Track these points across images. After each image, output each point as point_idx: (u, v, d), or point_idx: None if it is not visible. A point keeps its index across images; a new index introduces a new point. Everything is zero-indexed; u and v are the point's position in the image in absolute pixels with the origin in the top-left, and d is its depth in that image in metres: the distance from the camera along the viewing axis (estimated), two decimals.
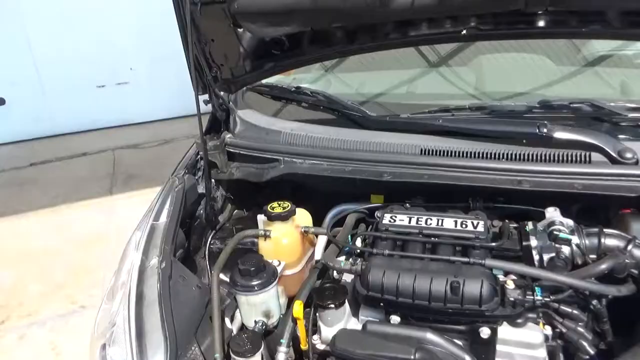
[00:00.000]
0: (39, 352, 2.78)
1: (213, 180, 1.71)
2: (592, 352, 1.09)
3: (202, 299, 1.32)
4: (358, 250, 1.32)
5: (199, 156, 1.70)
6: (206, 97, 1.71)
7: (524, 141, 1.35)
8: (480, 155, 1.35)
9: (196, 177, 1.68)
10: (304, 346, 1.30)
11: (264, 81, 1.84)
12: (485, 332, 1.13)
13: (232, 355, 1.20)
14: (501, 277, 1.17)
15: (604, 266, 1.13)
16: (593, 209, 1.37)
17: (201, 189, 1.68)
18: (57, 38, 5.39)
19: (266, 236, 1.47)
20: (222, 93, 1.75)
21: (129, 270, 1.30)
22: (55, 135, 5.78)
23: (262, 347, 1.22)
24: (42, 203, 4.34)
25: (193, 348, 1.18)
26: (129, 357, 1.13)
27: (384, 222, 1.32)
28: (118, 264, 1.39)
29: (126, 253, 1.38)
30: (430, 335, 1.09)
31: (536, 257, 1.24)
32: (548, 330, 1.20)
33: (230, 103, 1.78)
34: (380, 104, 1.68)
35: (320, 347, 1.28)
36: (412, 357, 1.02)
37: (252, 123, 1.71)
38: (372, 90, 1.84)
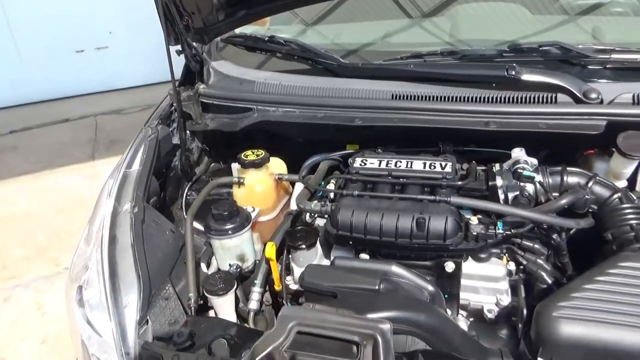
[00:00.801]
0: (24, 312, 2.81)
1: (188, 131, 1.71)
2: (549, 281, 1.14)
3: (176, 243, 1.34)
4: (329, 193, 1.34)
5: (173, 107, 1.69)
6: (179, 47, 1.68)
7: (493, 84, 1.36)
8: (450, 98, 1.36)
9: (171, 129, 1.68)
10: (277, 287, 1.33)
11: (237, 32, 1.82)
12: (450, 266, 1.18)
13: (206, 294, 1.24)
14: (468, 217, 1.21)
15: (564, 201, 1.17)
16: (561, 151, 1.40)
17: (176, 140, 1.67)
18: (31, 1, 5.22)
19: (240, 183, 1.48)
20: (195, 44, 1.73)
21: (102, 216, 1.31)
22: (34, 102, 5.67)
23: (235, 286, 1.25)
24: (24, 169, 4.29)
25: (167, 288, 1.20)
26: (103, 297, 1.15)
27: (354, 165, 1.34)
28: (92, 211, 1.40)
29: (99, 201, 1.39)
30: (395, 268, 1.12)
31: (502, 196, 1.27)
32: (512, 265, 1.24)
33: (204, 54, 1.76)
34: (354, 53, 1.67)
35: (294, 287, 1.31)
36: (377, 287, 1.06)
37: (226, 74, 1.70)
38: (348, 40, 1.82)
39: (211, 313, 1.31)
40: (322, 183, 1.42)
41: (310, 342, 0.95)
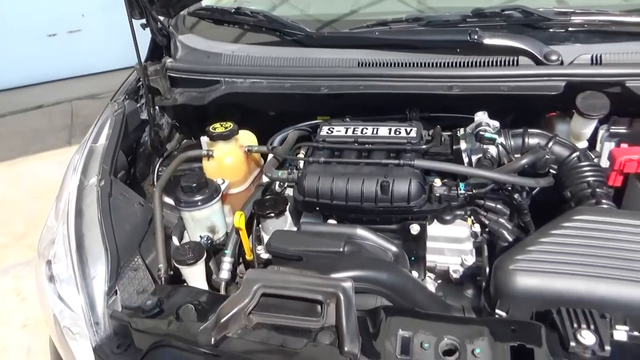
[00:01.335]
0: (4, 298, 2.79)
1: (157, 107, 1.69)
2: (510, 239, 1.17)
3: (145, 216, 1.34)
4: (298, 162, 1.35)
5: (140, 82, 1.67)
6: (144, 21, 1.65)
7: (458, 50, 1.37)
8: (415, 64, 1.37)
9: (139, 104, 1.66)
10: (249, 256, 1.35)
11: (204, 4, 1.80)
12: (415, 228, 1.20)
13: (175, 265, 1.24)
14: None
15: (524, 161, 1.19)
16: (525, 115, 1.42)
17: (144, 115, 1.66)
18: None
19: (209, 156, 1.48)
20: (161, 18, 1.70)
21: (69, 191, 1.30)
22: (6, 89, 5.53)
23: (205, 256, 1.26)
24: None
25: (136, 259, 1.21)
26: (70, 270, 1.15)
27: (321, 134, 1.35)
28: (59, 188, 1.39)
29: (66, 176, 1.38)
30: (360, 231, 1.14)
31: (466, 159, 1.30)
32: (477, 227, 1.27)
33: (171, 28, 1.73)
34: (322, 22, 1.66)
35: (265, 256, 1.33)
36: (341, 249, 1.07)
37: (194, 47, 1.68)
38: (319, 11, 1.81)
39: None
40: (292, 153, 1.43)
41: (275, 304, 0.97)
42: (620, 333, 0.89)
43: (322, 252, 1.07)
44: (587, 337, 0.83)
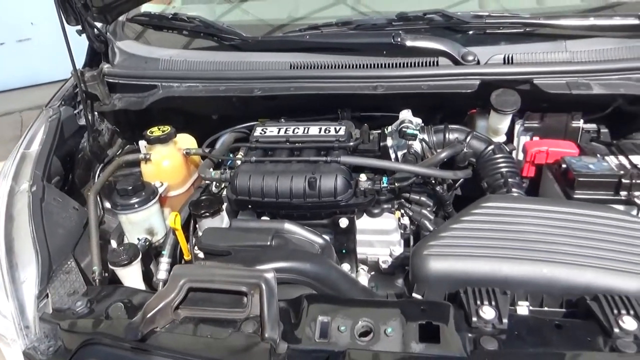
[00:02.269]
0: None
1: (96, 112, 1.70)
2: (431, 228, 1.24)
3: (81, 220, 1.34)
4: (234, 163, 1.38)
5: (77, 89, 1.67)
6: (79, 27, 1.65)
7: (384, 52, 1.44)
8: (343, 66, 1.44)
9: (76, 110, 1.66)
10: (187, 256, 1.37)
11: (143, 10, 1.81)
12: (343, 222, 1.25)
13: (110, 267, 1.25)
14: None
15: (443, 155, 1.27)
16: (452, 112, 1.51)
17: (83, 121, 1.66)
18: None
19: (146, 159, 1.50)
20: (98, 24, 1.71)
21: None
22: None
23: (140, 257, 1.27)
24: None
25: (69, 262, 1.21)
26: (0, 275, 1.15)
27: (254, 134, 1.39)
28: None
29: None
30: (288, 225, 1.19)
31: (393, 155, 1.37)
32: (406, 220, 1.34)
33: (109, 34, 1.74)
34: (258, 27, 1.70)
35: (202, 255, 1.35)
36: (268, 243, 1.12)
37: (132, 53, 1.69)
38: (263, 16, 1.85)
39: None
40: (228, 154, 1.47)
41: (203, 298, 1.00)
42: (522, 308, 0.97)
43: (250, 246, 1.11)
44: (488, 312, 0.89)
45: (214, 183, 1.42)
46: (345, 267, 1.31)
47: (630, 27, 1.37)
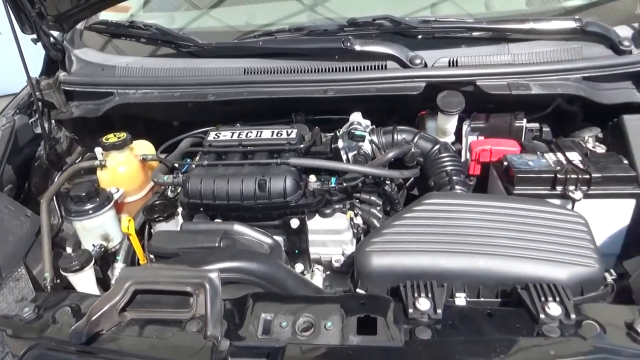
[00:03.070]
0: None
1: (54, 120, 1.70)
2: (378, 226, 1.27)
3: (33, 227, 1.34)
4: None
5: (33, 97, 1.67)
6: (35, 36, 1.66)
7: (336, 57, 1.48)
8: (295, 70, 1.47)
9: (32, 119, 1.65)
10: (142, 261, 1.38)
11: (101, 18, 1.82)
12: (294, 222, 1.28)
13: (62, 273, 1.25)
14: None
15: (390, 155, 1.31)
16: (406, 114, 1.55)
17: (39, 130, 1.65)
18: None
19: (102, 166, 1.50)
20: (56, 33, 1.71)
21: None
22: None
23: (92, 263, 1.28)
24: None
25: (20, 269, 1.21)
26: None
27: (208, 139, 1.41)
28: None
29: None
30: (237, 227, 1.21)
31: (344, 157, 1.40)
32: (359, 220, 1.37)
33: (65, 42, 1.75)
34: (217, 34, 1.73)
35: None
36: (217, 244, 1.13)
37: (89, 61, 1.70)
38: (232, 23, 1.87)
39: None
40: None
41: (151, 300, 1.02)
42: (460, 299, 1.01)
43: (198, 248, 1.13)
44: (424, 304, 0.93)
45: (170, 188, 1.43)
46: (299, 267, 1.33)
47: (568, 30, 1.43)
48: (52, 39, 1.69)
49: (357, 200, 1.35)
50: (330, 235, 1.32)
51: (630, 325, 0.86)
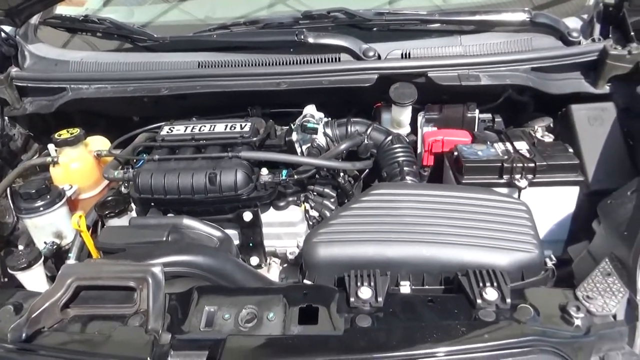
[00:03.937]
0: None
1: (7, 117, 1.66)
2: None
3: None
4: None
5: None
6: None
7: (291, 49, 1.48)
8: (249, 64, 1.46)
9: None
10: (96, 257, 1.36)
11: (55, 12, 1.79)
12: (247, 215, 1.27)
13: (9, 271, 1.23)
14: None
15: (342, 147, 1.31)
16: (362, 107, 1.56)
17: None
18: None
19: (54, 162, 1.48)
20: (8, 28, 1.68)
21: None
22: None
23: (42, 261, 1.26)
24: None
25: None
26: None
27: (161, 133, 1.40)
28: None
29: None
30: (186, 221, 1.20)
31: (298, 149, 1.40)
32: (315, 213, 1.37)
33: (18, 37, 1.71)
34: (174, 27, 1.71)
35: None
36: (164, 238, 1.13)
37: (42, 56, 1.67)
38: (177, 17, 1.85)
39: None
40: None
41: (95, 296, 1.01)
42: (405, 288, 1.02)
43: (145, 242, 1.12)
44: (365, 293, 0.93)
45: (124, 183, 1.41)
46: (254, 260, 1.33)
47: (518, 22, 1.45)
48: (3, 34, 1.66)
49: (312, 193, 1.36)
50: (285, 228, 1.33)
51: (563, 308, 0.88)
